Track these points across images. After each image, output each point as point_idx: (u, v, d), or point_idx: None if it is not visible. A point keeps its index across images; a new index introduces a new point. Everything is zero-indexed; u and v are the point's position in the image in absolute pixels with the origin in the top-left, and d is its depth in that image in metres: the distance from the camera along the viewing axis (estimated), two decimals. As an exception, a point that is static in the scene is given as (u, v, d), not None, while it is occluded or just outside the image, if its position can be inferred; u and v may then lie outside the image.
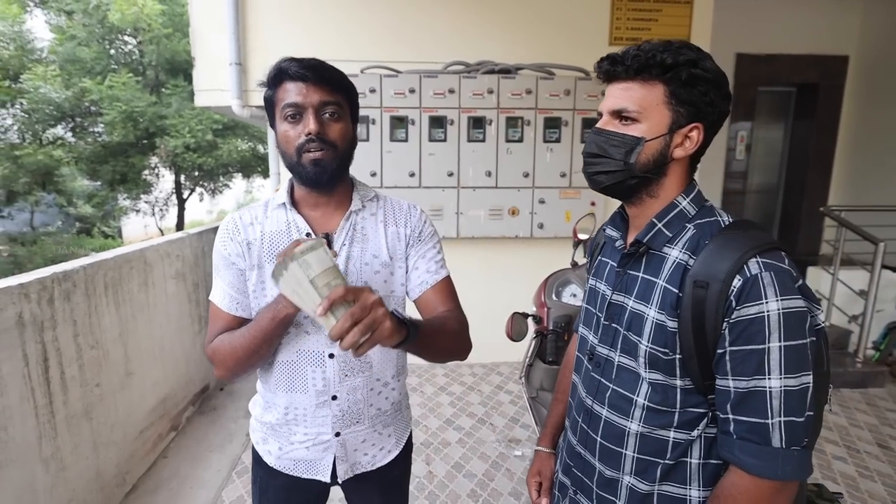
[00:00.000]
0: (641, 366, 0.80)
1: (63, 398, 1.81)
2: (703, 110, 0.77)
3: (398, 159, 3.26)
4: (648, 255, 0.83)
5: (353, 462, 1.05)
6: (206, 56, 3.22)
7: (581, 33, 3.50)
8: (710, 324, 0.72)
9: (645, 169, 0.79)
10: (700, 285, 0.73)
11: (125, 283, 2.23)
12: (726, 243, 0.74)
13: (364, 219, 1.02)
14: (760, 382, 0.69)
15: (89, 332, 1.98)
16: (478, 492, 2.25)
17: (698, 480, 0.79)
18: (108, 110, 7.26)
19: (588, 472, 0.91)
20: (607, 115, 0.81)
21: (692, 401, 0.78)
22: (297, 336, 0.97)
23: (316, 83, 0.89)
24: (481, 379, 3.42)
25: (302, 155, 0.90)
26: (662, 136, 0.78)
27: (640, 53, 0.76)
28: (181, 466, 2.39)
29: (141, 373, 2.33)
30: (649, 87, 0.77)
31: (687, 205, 0.81)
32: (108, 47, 8.28)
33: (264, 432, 1.07)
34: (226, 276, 0.98)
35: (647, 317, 0.79)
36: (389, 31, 3.33)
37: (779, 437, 0.68)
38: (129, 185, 8.57)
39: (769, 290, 0.68)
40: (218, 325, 0.98)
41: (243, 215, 1.00)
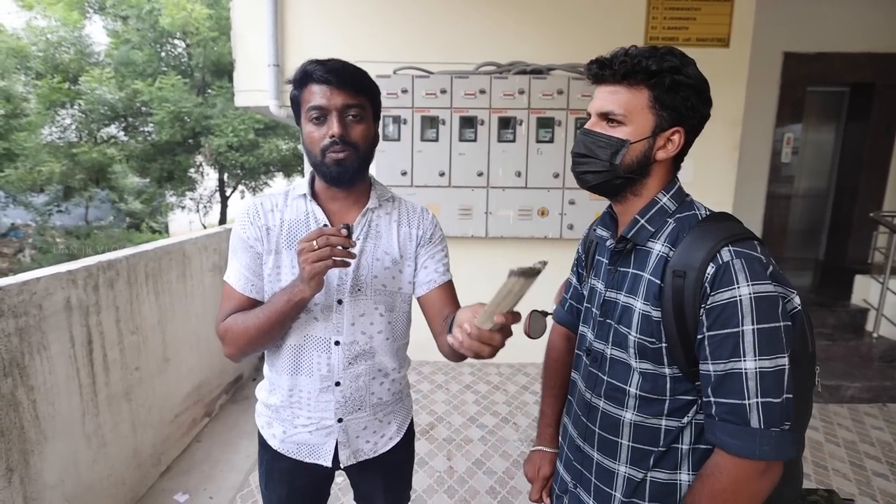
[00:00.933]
0: (632, 356, 0.84)
1: (105, 379, 1.93)
2: (685, 115, 0.80)
3: (428, 159, 3.29)
4: (636, 251, 0.86)
5: (355, 449, 1.09)
6: (246, 57, 3.34)
7: (615, 33, 3.43)
8: (689, 311, 0.76)
9: (629, 170, 0.83)
10: (678, 275, 0.77)
11: (165, 273, 2.35)
12: (702, 234, 0.78)
13: (379, 217, 1.06)
14: (736, 364, 0.72)
15: (130, 318, 2.09)
16: (497, 489, 2.26)
17: (688, 465, 0.82)
18: (157, 111, 7.68)
19: (587, 465, 0.94)
20: (595, 117, 0.85)
21: (681, 388, 0.81)
22: (306, 321, 1.01)
23: (339, 87, 0.92)
24: (507, 378, 3.41)
25: (326, 155, 0.94)
26: (646, 139, 0.81)
27: (626, 59, 0.79)
28: (213, 450, 2.50)
29: (177, 359, 2.44)
30: (635, 92, 0.80)
31: (667, 201, 0.85)
32: (159, 50, 8.75)
33: (269, 416, 1.11)
34: (243, 258, 1.02)
35: (634, 309, 0.83)
36: (422, 33, 3.36)
37: (756, 417, 0.71)
38: (176, 183, 9.02)
39: (740, 276, 0.72)
40: (231, 304, 1.02)
41: (264, 202, 1.04)
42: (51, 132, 8.54)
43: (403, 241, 1.07)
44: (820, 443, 2.68)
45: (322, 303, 1.00)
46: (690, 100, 0.80)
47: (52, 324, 1.66)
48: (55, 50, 8.30)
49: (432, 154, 3.29)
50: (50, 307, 1.65)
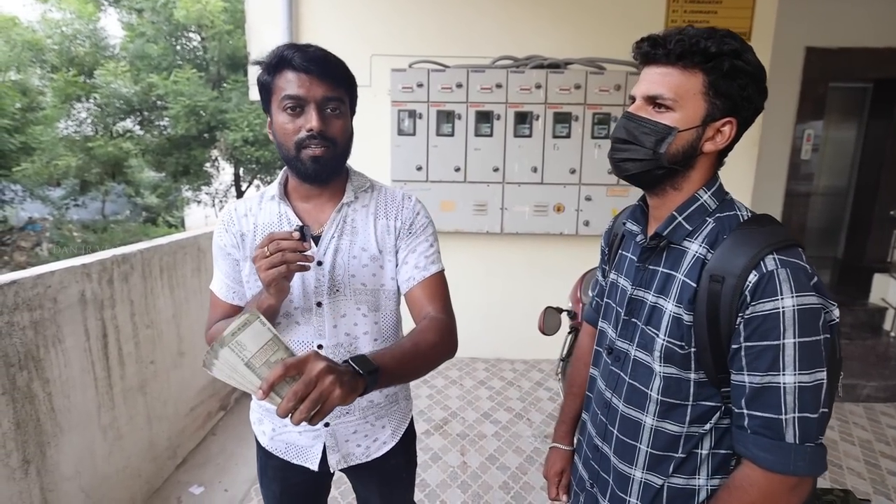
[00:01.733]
0: (656, 360, 0.81)
1: (120, 372, 1.93)
2: (740, 105, 0.75)
3: (444, 154, 3.26)
4: (669, 249, 0.82)
5: (345, 453, 1.06)
6: (261, 51, 3.22)
7: (634, 27, 3.33)
8: (724, 318, 0.73)
9: (673, 160, 0.78)
10: (716, 279, 0.73)
11: (179, 267, 2.35)
12: (744, 238, 0.74)
13: (355, 211, 1.01)
14: (775, 378, 0.69)
15: (145, 312, 2.09)
16: (510, 484, 2.25)
17: (706, 470, 0.80)
18: (172, 104, 7.71)
19: (605, 466, 0.92)
20: (640, 100, 0.79)
21: (705, 394, 0.78)
22: (287, 326, 0.99)
23: (320, 77, 0.87)
24: (521, 375, 3.39)
25: (301, 150, 0.89)
26: (695, 128, 0.76)
27: (683, 38, 0.73)
28: (228, 444, 2.51)
29: (192, 353, 2.45)
30: (688, 75, 0.74)
31: (708, 199, 0.80)
32: (174, 44, 8.78)
33: (259, 413, 1.10)
34: (222, 265, 1.01)
35: (665, 310, 0.80)
36: (438, 26, 3.32)
37: (792, 432, 0.68)
38: (191, 177, 9.07)
39: (784, 287, 0.68)
40: (216, 312, 1.02)
41: (238, 207, 1.02)
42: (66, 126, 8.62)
43: (381, 235, 1.00)
44: (835, 441, 2.64)
45: (301, 306, 0.97)
46: (747, 88, 0.74)
47: (67, 317, 1.66)
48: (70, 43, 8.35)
49: (448, 149, 3.25)
50: (65, 300, 1.65)
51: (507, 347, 3.63)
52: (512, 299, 3.55)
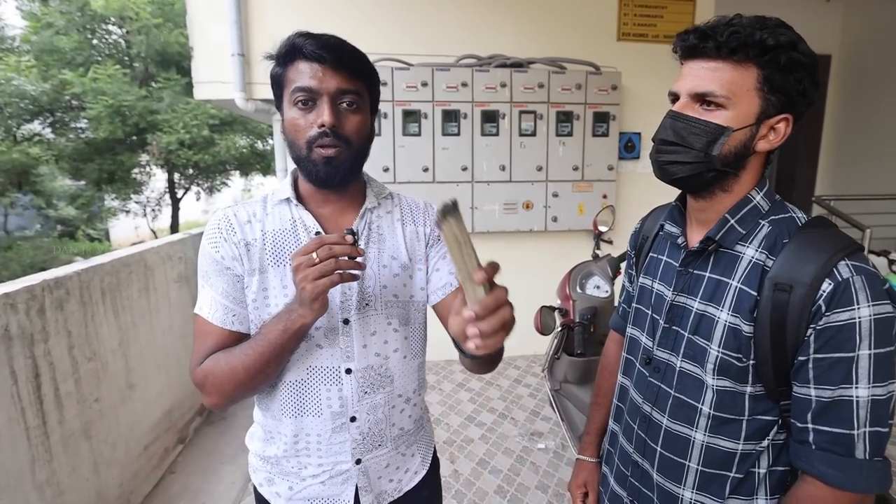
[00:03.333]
0: (709, 372, 0.75)
1: (58, 417, 1.65)
2: (795, 100, 0.70)
3: (411, 154, 3.13)
4: (717, 254, 0.77)
5: (378, 492, 0.91)
6: (206, 46, 3.03)
7: (590, 28, 3.47)
8: (791, 329, 0.67)
9: (726, 162, 0.72)
10: (782, 288, 0.68)
11: (124, 288, 2.06)
12: (809, 244, 0.69)
13: (380, 217, 0.91)
14: (847, 392, 0.65)
15: (86, 343, 1.81)
16: (505, 487, 2.19)
17: (765, 490, 0.75)
18: (92, 104, 6.97)
19: (647, 483, 0.85)
20: (686, 98, 0.72)
21: (761, 408, 0.73)
22: (307, 350, 0.83)
23: (335, 67, 0.76)
24: (499, 373, 3.34)
25: (313, 150, 0.78)
26: (749, 127, 0.70)
27: (737, 29, 0.67)
28: (191, 481, 2.23)
29: (144, 384, 2.16)
30: (742, 70, 0.68)
31: (761, 200, 0.76)
32: (90, 37, 7.96)
33: (268, 471, 0.91)
34: (218, 283, 0.82)
35: (717, 320, 0.74)
36: (398, 23, 3.19)
37: (863, 448, 0.65)
38: (118, 185, 8.27)
39: (861, 295, 0.64)
40: (208, 342, 0.82)
41: (238, 212, 0.85)
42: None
43: (411, 243, 0.91)
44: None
45: (325, 325, 0.83)
46: (804, 82, 0.68)
47: (-10, 358, 1.38)
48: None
49: (415, 149, 3.14)
50: (-15, 339, 1.37)
51: (481, 347, 3.58)
52: (485, 299, 3.50)
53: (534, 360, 3.53)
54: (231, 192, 12.16)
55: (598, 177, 3.41)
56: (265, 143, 9.67)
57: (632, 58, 3.48)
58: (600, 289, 2.12)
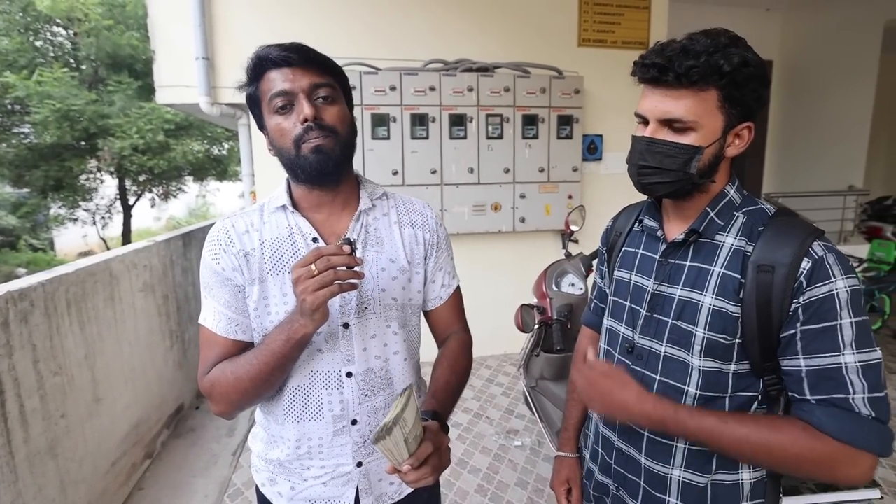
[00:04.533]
0: (695, 354, 0.79)
1: (23, 435, 1.58)
2: (753, 108, 0.76)
3: (381, 157, 3.15)
4: (696, 244, 0.82)
5: (378, 494, 0.93)
6: (169, 50, 2.95)
7: (553, 34, 3.57)
8: (776, 306, 0.72)
9: (703, 174, 0.78)
10: (765, 270, 0.74)
11: (89, 298, 1.99)
12: (784, 229, 0.76)
13: (376, 219, 0.92)
14: (836, 359, 0.69)
15: (51, 356, 1.74)
16: (485, 486, 2.23)
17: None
18: (37, 108, 6.59)
19: (633, 468, 0.88)
20: (655, 123, 0.77)
21: (743, 384, 0.78)
22: (308, 356, 0.85)
23: (303, 65, 0.79)
24: (472, 373, 3.32)
25: (301, 146, 0.79)
26: (717, 141, 0.76)
27: (695, 64, 0.71)
28: (161, 497, 2.17)
29: (110, 398, 2.09)
30: (703, 95, 0.73)
31: (734, 194, 0.82)
32: (34, 38, 7.54)
33: (271, 472, 0.93)
34: (220, 294, 0.84)
35: (701, 304, 0.78)
36: (365, 28, 3.20)
37: (866, 410, 0.68)
38: (66, 192, 7.85)
39: (836, 270, 0.70)
40: (214, 352, 0.84)
41: (236, 223, 0.87)
42: None
43: (410, 246, 0.92)
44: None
45: (326, 330, 0.84)
46: (758, 91, 0.75)
47: (-47, 374, 1.32)
48: None
49: (384, 152, 3.15)
50: (-52, 354, 1.31)
51: (453, 349, 3.61)
52: (455, 300, 3.54)
53: (504, 359, 3.59)
54: (187, 197, 11.74)
55: (563, 178, 3.52)
56: (221, 147, 9.41)
57: (592, 63, 3.60)
58: (575, 286, 2.18)
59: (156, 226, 13.39)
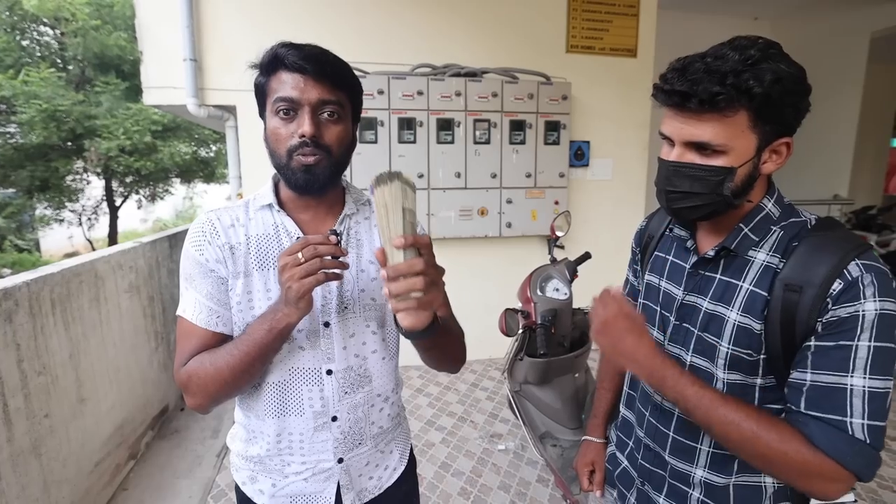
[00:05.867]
0: (719, 367, 0.78)
1: (7, 434, 1.58)
2: (792, 123, 0.71)
3: (369, 161, 3.17)
4: (727, 258, 0.79)
5: (359, 489, 0.95)
6: (156, 50, 2.96)
7: (541, 40, 3.60)
8: (800, 328, 0.69)
9: (737, 194, 0.73)
10: (793, 289, 0.70)
11: (74, 299, 2.00)
12: (820, 246, 0.70)
13: (358, 223, 0.94)
14: (842, 379, 0.65)
15: (35, 356, 1.74)
16: (468, 489, 2.25)
17: None
18: (24, 108, 6.54)
19: (659, 464, 0.89)
20: (681, 147, 0.73)
21: (771, 398, 0.76)
22: (290, 352, 0.86)
23: (316, 78, 0.79)
24: (456, 378, 3.40)
25: (293, 158, 0.80)
26: (751, 160, 0.71)
27: (720, 91, 0.65)
28: (145, 498, 2.17)
29: (95, 398, 2.09)
30: (731, 119, 0.68)
31: (772, 207, 0.77)
32: (20, 38, 7.48)
33: (251, 469, 0.93)
34: (202, 285, 0.84)
35: (727, 319, 0.76)
36: (354, 31, 3.23)
37: (861, 436, 0.64)
38: (51, 193, 7.77)
39: (868, 291, 0.65)
40: (192, 344, 0.84)
41: (221, 216, 0.88)
42: None
43: None
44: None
45: (307, 328, 0.86)
46: (796, 104, 0.69)
47: (-64, 373, 1.33)
48: None
49: (372, 156, 3.18)
50: (-69, 352, 1.32)
51: (438, 353, 3.61)
52: (442, 304, 3.55)
53: (490, 364, 3.61)
54: (173, 199, 11.65)
55: (549, 183, 3.54)
56: (209, 150, 9.37)
57: (580, 69, 3.63)
58: (559, 291, 2.16)
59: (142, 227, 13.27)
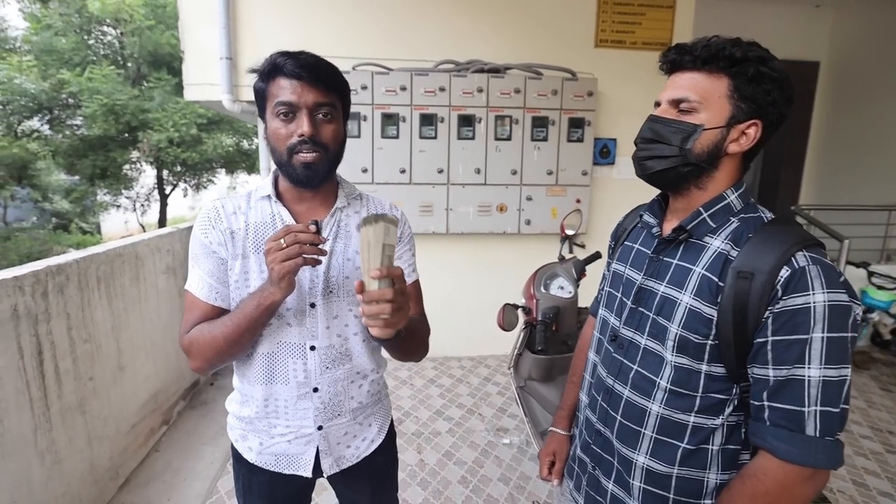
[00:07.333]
0: (669, 349, 0.81)
1: (57, 391, 1.81)
2: (764, 108, 0.77)
3: (389, 156, 3.29)
4: (686, 244, 0.83)
5: (337, 456, 1.06)
6: (196, 50, 3.20)
7: (568, 35, 3.55)
8: (752, 314, 0.73)
9: (699, 157, 0.79)
10: (744, 276, 0.73)
11: (117, 277, 2.23)
12: (771, 236, 0.75)
13: (348, 216, 1.03)
14: (799, 371, 0.70)
15: (82, 325, 1.97)
16: (468, 478, 2.31)
17: (717, 465, 0.81)
18: (87, 103, 7.12)
19: (608, 449, 0.93)
20: (665, 104, 0.82)
21: (715, 387, 0.79)
22: (278, 328, 0.97)
23: (311, 83, 0.88)
24: (469, 371, 3.48)
25: (293, 156, 0.90)
26: (720, 129, 0.78)
27: (710, 45, 0.77)
28: (174, 459, 2.40)
29: (133, 367, 2.33)
30: (714, 79, 0.77)
31: (735, 199, 0.82)
32: (87, 38, 8.10)
33: (242, 429, 1.06)
34: (205, 264, 0.96)
35: (679, 302, 0.80)
36: (380, 29, 3.35)
37: (813, 426, 0.69)
38: (110, 181, 8.41)
39: (816, 283, 0.69)
40: (195, 314, 0.95)
41: (226, 204, 0.99)
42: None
43: None
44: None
45: (295, 307, 0.97)
46: (772, 93, 0.76)
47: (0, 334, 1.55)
48: (-38, 33, 7.51)
49: (393, 151, 3.29)
50: (-5, 316, 1.54)
51: (454, 345, 3.71)
52: (458, 298, 3.64)
53: (504, 360, 3.62)
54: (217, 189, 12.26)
55: (571, 181, 3.51)
56: (250, 142, 9.80)
57: (609, 64, 3.55)
58: (564, 289, 2.17)
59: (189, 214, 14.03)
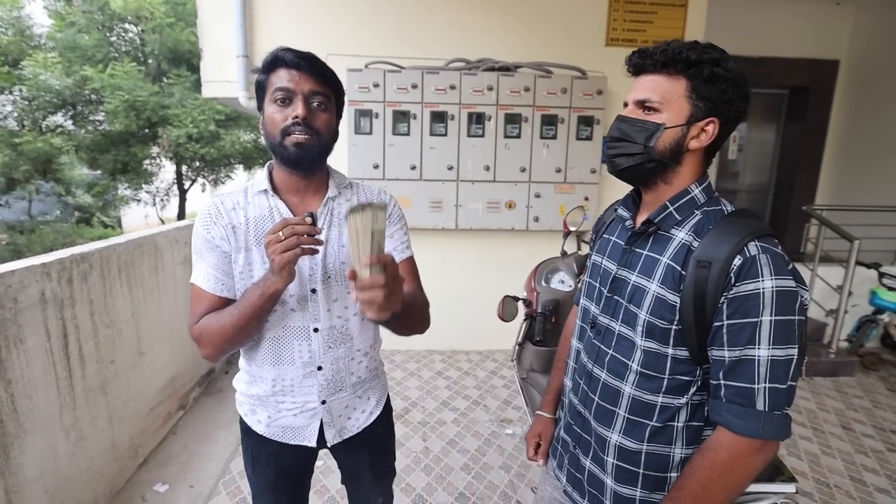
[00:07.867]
0: (638, 335, 0.88)
1: (81, 373, 1.92)
2: (721, 107, 0.83)
3: (400, 153, 3.35)
4: (655, 236, 0.90)
5: (339, 427, 1.14)
6: (214, 47, 3.29)
7: (579, 34, 3.56)
8: (710, 299, 0.79)
9: (662, 154, 0.86)
10: (703, 265, 0.80)
11: (137, 266, 2.33)
12: (728, 228, 0.81)
13: (340, 205, 1.09)
14: (750, 352, 0.77)
15: (104, 311, 2.08)
16: (470, 465, 2.39)
17: (682, 440, 0.88)
18: (109, 99, 7.31)
19: (587, 430, 1.00)
20: (632, 105, 0.89)
21: (680, 369, 0.86)
22: (283, 314, 1.04)
23: (308, 72, 0.95)
24: (477, 364, 3.54)
25: (286, 137, 0.95)
26: (680, 127, 0.84)
27: (667, 49, 0.83)
28: (189, 442, 2.51)
29: (151, 353, 2.43)
30: (673, 81, 0.84)
31: (699, 193, 0.88)
32: (109, 35, 8.31)
33: (252, 404, 1.13)
34: (209, 258, 1.01)
35: (647, 290, 0.87)
36: (392, 28, 3.41)
37: (763, 401, 0.76)
38: (131, 175, 8.62)
39: (765, 270, 0.76)
40: (202, 305, 1.00)
41: (224, 200, 1.04)
42: (-12, 120, 8.00)
43: None
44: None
45: (297, 294, 1.03)
46: (728, 92, 0.82)
47: (28, 317, 1.65)
48: (-8, 30, 7.75)
49: (404, 148, 3.35)
50: (25, 300, 1.64)
51: (462, 339, 3.77)
52: (467, 293, 3.70)
53: (510, 354, 3.69)
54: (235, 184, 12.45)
55: (580, 179, 3.54)
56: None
57: (620, 63, 3.41)
58: (564, 283, 2.24)
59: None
